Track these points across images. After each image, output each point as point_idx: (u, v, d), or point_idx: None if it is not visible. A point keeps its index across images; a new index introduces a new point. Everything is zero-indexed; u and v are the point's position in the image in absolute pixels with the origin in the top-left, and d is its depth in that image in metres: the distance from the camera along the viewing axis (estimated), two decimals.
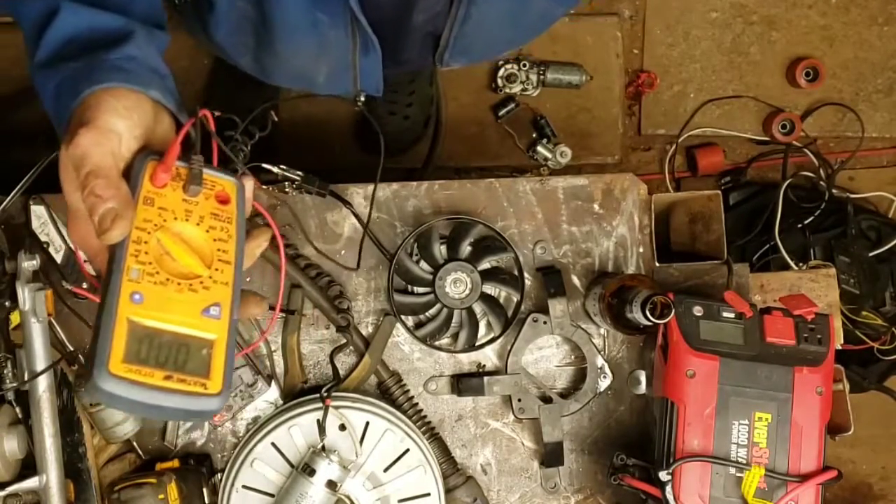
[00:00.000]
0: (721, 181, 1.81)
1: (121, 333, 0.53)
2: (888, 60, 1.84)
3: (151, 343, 0.54)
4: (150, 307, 0.54)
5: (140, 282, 0.55)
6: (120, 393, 0.52)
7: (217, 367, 0.55)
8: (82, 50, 0.62)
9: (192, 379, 0.54)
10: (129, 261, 0.55)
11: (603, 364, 1.02)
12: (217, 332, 0.56)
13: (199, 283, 0.57)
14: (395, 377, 1.01)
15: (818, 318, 0.93)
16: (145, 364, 0.53)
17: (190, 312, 0.56)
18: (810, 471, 0.89)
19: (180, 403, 0.53)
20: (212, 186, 0.61)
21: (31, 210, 0.97)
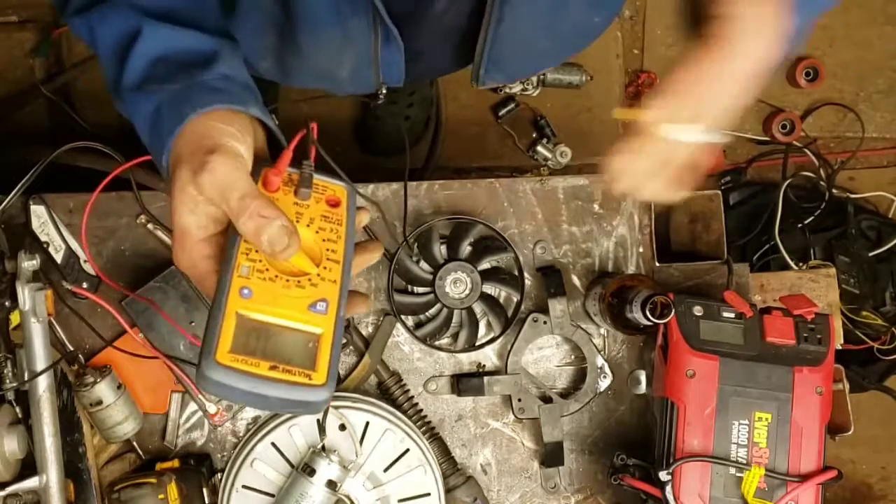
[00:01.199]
0: (721, 181, 1.82)
1: (229, 326, 0.55)
2: (888, 60, 1.84)
3: (259, 335, 0.56)
4: (258, 301, 0.56)
5: (250, 278, 0.57)
6: (226, 381, 0.54)
7: (322, 360, 0.56)
8: (173, 71, 0.62)
9: (298, 370, 0.55)
10: (239, 258, 0.58)
11: (603, 364, 1.02)
12: (323, 326, 0.57)
13: (307, 280, 0.59)
14: (395, 377, 1.01)
15: (818, 318, 0.93)
16: (252, 355, 0.55)
17: (297, 307, 0.57)
18: (810, 471, 0.89)
19: (285, 393, 0.55)
20: (322, 191, 0.63)
21: (31, 210, 0.97)
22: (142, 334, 0.95)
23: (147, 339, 0.95)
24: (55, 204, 0.98)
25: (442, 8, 0.84)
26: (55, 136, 1.63)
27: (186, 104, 0.59)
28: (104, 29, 0.65)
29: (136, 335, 0.95)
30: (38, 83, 1.61)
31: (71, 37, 1.65)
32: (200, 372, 0.54)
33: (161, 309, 0.94)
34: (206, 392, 0.60)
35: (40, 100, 1.61)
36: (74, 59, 1.64)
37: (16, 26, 1.65)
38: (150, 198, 0.99)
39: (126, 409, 0.93)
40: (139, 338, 0.95)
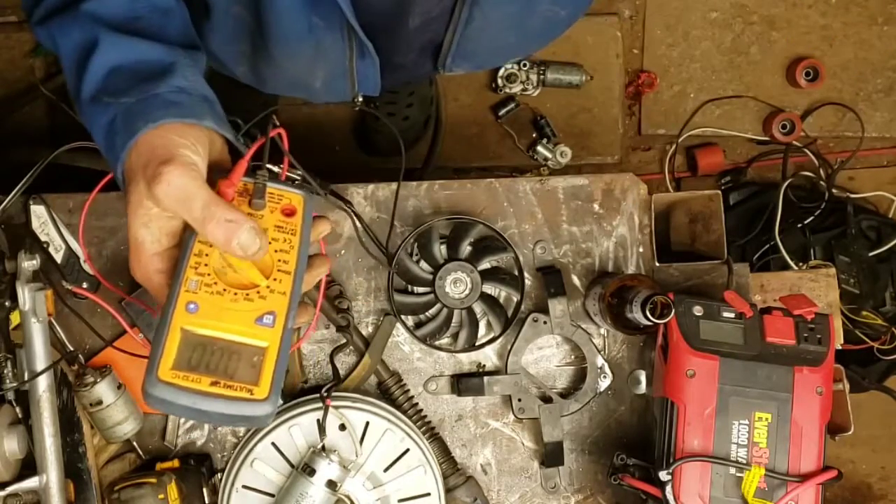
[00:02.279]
0: (721, 181, 1.82)
1: (173, 341, 0.56)
2: (888, 60, 1.84)
3: (204, 350, 0.56)
4: (204, 316, 0.57)
5: (197, 292, 0.57)
6: (167, 398, 0.54)
7: (266, 374, 0.56)
8: (129, 82, 0.62)
9: (240, 385, 0.56)
10: (188, 273, 0.58)
11: (603, 364, 1.02)
12: (269, 339, 0.57)
13: (255, 293, 0.58)
14: (395, 377, 1.01)
15: (818, 318, 0.93)
16: (194, 370, 0.55)
17: (244, 321, 0.57)
18: (810, 471, 0.89)
19: (226, 408, 0.55)
20: (278, 200, 0.63)
21: (31, 210, 0.97)
22: (142, 334, 0.95)
23: (147, 339, 0.95)
24: (55, 204, 0.98)
25: (416, 24, 0.84)
26: (55, 136, 1.63)
27: (139, 118, 0.59)
28: (64, 39, 0.65)
29: (135, 335, 0.95)
30: (37, 83, 1.61)
31: None
32: (144, 388, 0.54)
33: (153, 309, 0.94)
34: (150, 408, 0.60)
35: (40, 100, 1.61)
36: None
37: (15, 26, 1.65)
38: None
39: (126, 409, 0.93)
40: (139, 338, 0.95)
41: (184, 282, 0.58)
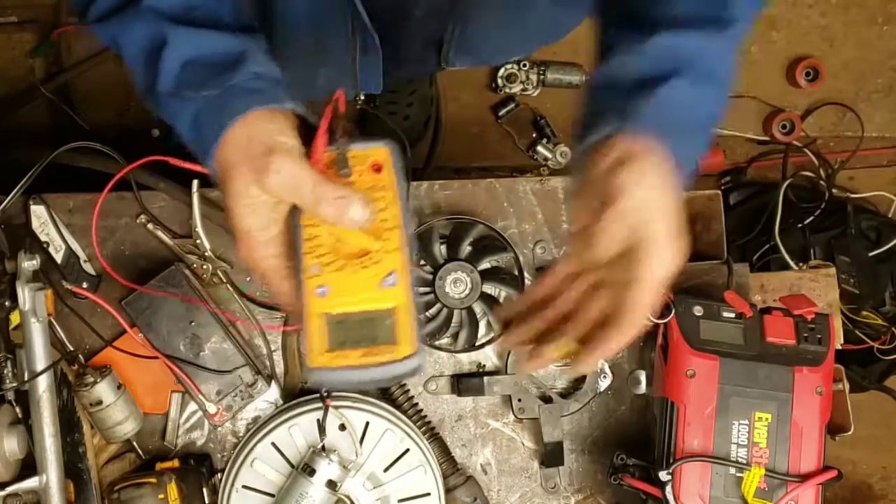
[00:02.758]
0: (721, 181, 1.81)
1: (315, 327, 0.59)
2: (888, 60, 1.84)
3: (344, 327, 0.59)
4: (335, 296, 0.59)
5: (321, 275, 0.60)
6: (328, 379, 0.59)
7: (404, 331, 0.59)
8: (206, 74, 0.62)
9: (385, 348, 0.59)
10: (306, 260, 0.60)
11: (603, 364, 1.02)
12: (395, 299, 0.59)
13: (369, 259, 0.60)
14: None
15: (818, 318, 0.93)
16: (342, 347, 0.59)
17: (370, 288, 0.59)
18: (810, 471, 0.89)
19: (378, 374, 0.59)
20: (363, 160, 0.64)
21: (31, 210, 0.97)
22: (141, 334, 0.95)
23: (147, 339, 0.95)
24: (55, 204, 0.98)
25: (421, 14, 0.84)
26: (55, 136, 1.63)
27: (225, 110, 0.60)
28: (128, 37, 0.65)
29: (135, 335, 0.95)
30: (37, 83, 1.60)
31: (70, 37, 1.65)
32: (306, 372, 0.59)
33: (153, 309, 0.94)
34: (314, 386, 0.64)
35: (40, 100, 1.61)
36: (74, 59, 1.64)
37: (15, 27, 1.64)
38: (150, 198, 0.99)
39: (126, 409, 0.93)
40: (139, 338, 0.95)
41: (305, 269, 0.60)
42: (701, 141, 0.66)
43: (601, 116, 0.63)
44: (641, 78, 0.63)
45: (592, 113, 0.65)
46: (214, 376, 0.96)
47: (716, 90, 0.66)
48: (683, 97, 0.63)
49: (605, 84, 0.66)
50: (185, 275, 0.96)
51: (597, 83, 0.67)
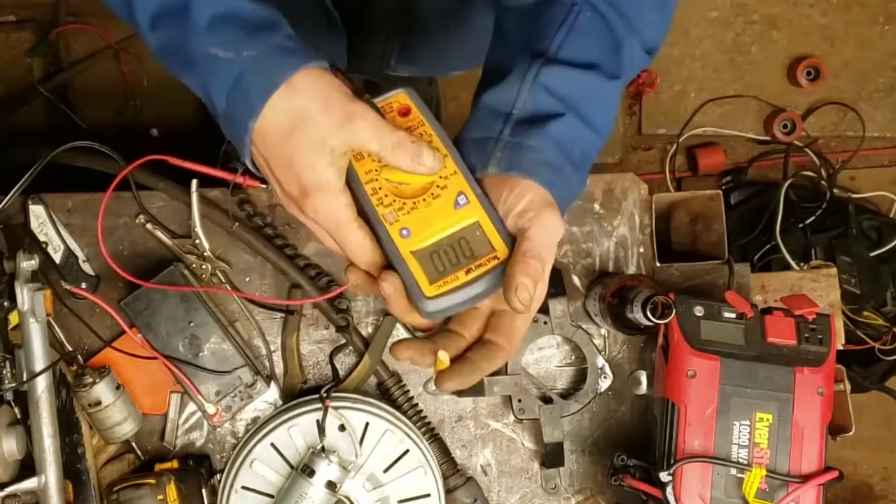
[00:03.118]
0: (722, 181, 1.81)
1: (414, 266, 0.62)
2: (889, 59, 1.84)
3: (439, 255, 0.62)
4: (418, 233, 0.62)
5: (398, 219, 0.63)
6: (445, 306, 0.62)
7: (494, 237, 0.63)
8: (241, 33, 0.61)
9: (485, 258, 0.62)
10: (379, 210, 0.63)
11: (603, 364, 1.02)
12: (474, 213, 0.63)
13: (436, 187, 0.64)
14: (394, 377, 1.01)
15: (819, 319, 0.93)
16: (445, 273, 0.62)
17: (447, 213, 0.63)
18: (811, 471, 0.89)
19: (489, 282, 0.62)
20: (391, 109, 0.67)
21: (29, 210, 0.96)
22: (140, 335, 0.95)
23: (146, 340, 0.95)
24: (54, 204, 0.97)
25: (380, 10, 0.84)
26: (53, 135, 1.63)
27: (276, 70, 0.60)
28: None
29: (134, 336, 0.95)
30: (35, 83, 1.60)
31: (69, 36, 1.65)
32: (422, 311, 0.62)
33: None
34: (432, 321, 0.66)
35: (38, 99, 1.61)
36: (72, 58, 1.64)
37: (14, 26, 1.64)
38: (149, 197, 0.99)
39: (125, 409, 0.93)
40: (138, 338, 0.95)
41: (382, 220, 0.63)
42: (582, 180, 0.70)
43: (494, 146, 0.66)
44: (535, 112, 0.66)
45: (481, 138, 0.67)
46: (213, 377, 0.96)
47: (598, 133, 0.70)
48: (570, 133, 0.67)
49: (495, 110, 0.68)
50: (183, 275, 0.96)
51: (486, 104, 0.69)
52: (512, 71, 0.68)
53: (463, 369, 0.65)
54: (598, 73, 0.68)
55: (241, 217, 0.97)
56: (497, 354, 0.66)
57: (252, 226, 0.98)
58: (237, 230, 0.97)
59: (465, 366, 0.66)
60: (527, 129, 0.66)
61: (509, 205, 0.64)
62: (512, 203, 0.64)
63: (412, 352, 0.66)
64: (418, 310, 0.62)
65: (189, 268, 0.97)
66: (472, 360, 0.66)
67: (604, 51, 0.68)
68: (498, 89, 0.68)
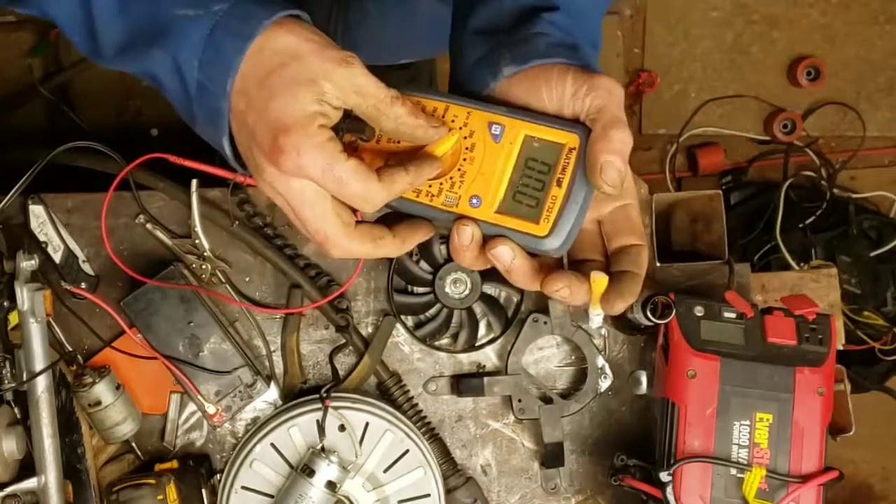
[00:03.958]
0: (722, 181, 1.81)
1: (509, 222, 0.58)
2: (889, 59, 1.84)
3: (522, 193, 0.58)
4: (484, 192, 0.58)
5: (458, 196, 0.59)
6: (567, 230, 0.57)
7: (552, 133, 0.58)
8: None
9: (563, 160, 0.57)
10: (436, 204, 0.59)
11: (603, 364, 1.02)
12: (517, 130, 0.58)
13: (463, 139, 0.59)
14: (394, 377, 1.01)
15: (819, 319, 0.93)
16: (541, 203, 0.57)
17: (494, 154, 0.58)
18: (811, 471, 0.88)
19: (581, 179, 0.57)
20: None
21: (29, 210, 0.96)
22: (140, 335, 0.95)
23: (146, 340, 0.95)
24: (54, 204, 0.97)
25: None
26: (53, 136, 1.63)
27: (250, 19, 0.54)
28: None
29: (134, 336, 0.95)
30: (35, 83, 1.60)
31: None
32: (552, 251, 0.57)
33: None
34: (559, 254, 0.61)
35: (38, 100, 1.61)
36: (72, 58, 1.64)
37: (13, 26, 1.64)
38: (149, 197, 0.99)
39: (125, 409, 0.93)
40: (138, 338, 0.95)
41: (446, 208, 0.59)
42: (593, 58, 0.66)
43: (497, 52, 0.61)
44: (523, 9, 0.63)
45: (482, 56, 0.63)
46: (213, 377, 0.96)
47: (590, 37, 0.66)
48: (568, 24, 0.63)
49: (486, 29, 0.64)
50: (183, 275, 0.96)
51: (474, 29, 0.65)
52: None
53: (623, 280, 0.59)
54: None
55: (240, 217, 0.97)
56: (639, 253, 0.61)
57: (252, 226, 0.98)
58: (237, 230, 0.97)
59: (622, 277, 0.59)
60: (524, 25, 0.62)
61: (556, 97, 0.59)
62: (558, 94, 0.58)
63: (566, 280, 0.58)
64: (547, 254, 0.57)
65: (189, 268, 0.97)
66: (625, 270, 0.60)
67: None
68: (479, 11, 0.64)
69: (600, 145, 0.55)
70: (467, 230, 0.58)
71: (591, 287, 0.58)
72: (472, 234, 0.58)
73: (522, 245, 0.57)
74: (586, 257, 0.62)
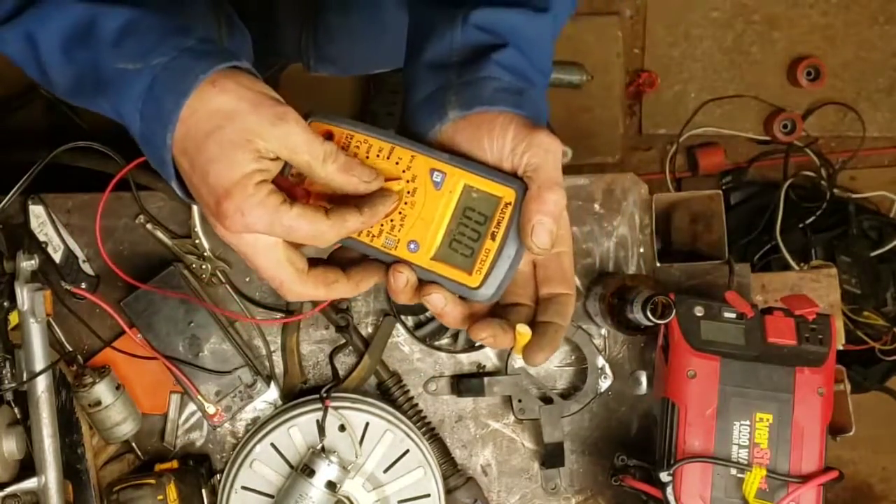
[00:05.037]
0: (722, 181, 1.81)
1: (443, 269, 0.59)
2: (889, 59, 1.84)
3: (458, 242, 0.59)
4: (422, 238, 0.59)
5: (397, 239, 0.59)
6: (497, 282, 0.58)
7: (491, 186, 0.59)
8: (152, 40, 0.57)
9: (499, 213, 0.59)
10: (376, 245, 0.60)
11: (604, 364, 1.02)
12: (458, 179, 0.59)
13: (406, 183, 0.60)
14: (394, 377, 1.01)
15: (819, 319, 0.93)
16: (475, 253, 0.59)
17: (433, 200, 0.59)
18: (811, 471, 0.88)
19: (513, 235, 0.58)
20: None
21: (29, 210, 0.96)
22: (140, 335, 0.95)
23: (146, 340, 0.95)
24: (54, 204, 0.97)
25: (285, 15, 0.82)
26: (53, 136, 1.62)
27: (190, 72, 0.55)
28: (48, 27, 0.59)
29: (134, 336, 0.95)
30: (36, 83, 1.60)
31: None
32: (482, 300, 0.59)
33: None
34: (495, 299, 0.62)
35: (38, 100, 1.61)
36: None
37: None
38: (149, 198, 0.99)
39: (125, 409, 0.93)
40: (138, 338, 0.95)
41: (384, 250, 0.59)
42: (545, 103, 0.66)
43: (445, 93, 0.62)
44: (474, 47, 0.63)
45: (430, 93, 0.63)
46: (213, 377, 0.96)
47: (540, 66, 0.66)
48: (516, 62, 0.63)
49: (434, 64, 0.64)
50: (183, 275, 0.96)
51: (423, 63, 0.65)
52: (439, 24, 0.64)
53: (546, 334, 0.60)
54: (525, 9, 0.65)
55: None
56: (566, 303, 0.62)
57: None
58: None
59: (545, 330, 0.61)
60: (473, 66, 0.62)
61: (497, 149, 0.60)
62: (498, 146, 0.59)
63: (492, 330, 0.60)
64: (478, 302, 0.59)
65: (189, 268, 0.97)
66: (548, 321, 0.61)
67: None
68: (431, 45, 0.64)
69: (534, 206, 0.57)
70: (402, 276, 0.59)
71: (515, 338, 0.60)
72: (407, 280, 0.60)
73: (455, 292, 0.59)
74: (517, 301, 0.63)
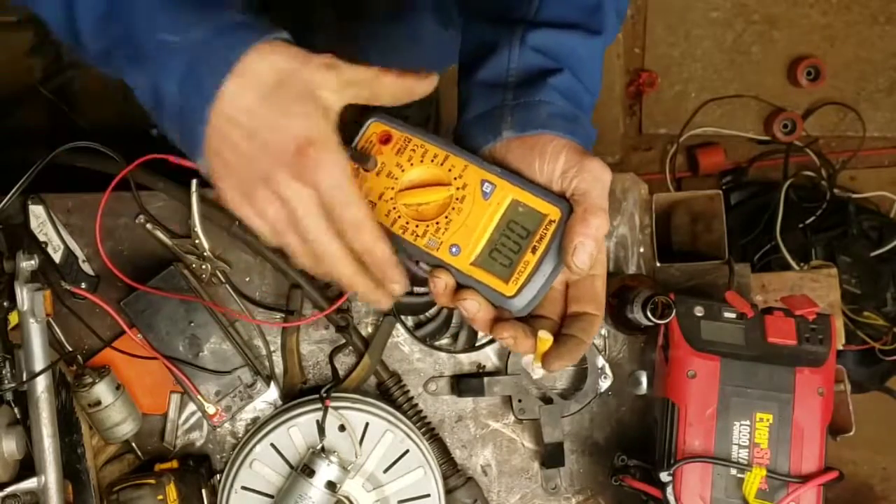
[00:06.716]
0: (722, 181, 1.81)
1: (481, 275, 0.60)
2: (889, 59, 1.84)
3: (499, 251, 0.61)
4: (465, 243, 0.61)
5: (440, 241, 0.61)
6: (532, 295, 0.60)
7: (538, 203, 0.61)
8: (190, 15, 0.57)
9: (542, 229, 0.60)
10: (419, 244, 0.61)
11: (604, 364, 1.02)
12: (507, 192, 0.61)
13: (456, 190, 0.61)
14: (394, 378, 1.01)
15: (819, 319, 0.93)
16: (514, 265, 0.60)
17: (480, 209, 0.61)
18: (811, 472, 0.88)
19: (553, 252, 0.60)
20: (371, 143, 0.64)
21: (29, 210, 0.96)
22: (140, 335, 0.95)
23: (146, 340, 0.95)
24: (54, 204, 0.97)
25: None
26: (54, 136, 1.63)
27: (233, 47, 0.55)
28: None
29: (134, 336, 0.95)
30: (36, 83, 1.60)
31: None
32: (514, 311, 0.60)
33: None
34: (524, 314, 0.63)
35: (39, 100, 1.61)
36: (73, 59, 1.64)
37: (14, 26, 1.64)
38: (149, 198, 0.99)
39: (125, 409, 0.93)
40: (138, 338, 0.95)
41: (427, 250, 0.61)
42: (593, 133, 0.68)
43: (500, 113, 0.64)
44: (531, 69, 0.65)
45: (485, 112, 0.66)
46: (213, 377, 0.96)
47: (590, 92, 0.69)
48: (571, 86, 0.65)
49: (491, 83, 0.66)
50: (183, 275, 0.96)
51: (480, 81, 0.67)
52: (497, 42, 0.66)
53: (567, 345, 0.62)
54: (580, 32, 0.67)
55: None
56: (592, 322, 0.63)
57: None
58: (237, 230, 0.97)
59: (567, 341, 0.62)
60: (529, 89, 0.64)
61: (547, 171, 0.61)
62: (549, 168, 0.61)
63: (514, 331, 0.62)
64: (510, 311, 0.60)
65: (189, 268, 0.97)
66: (572, 335, 0.63)
67: (583, 11, 0.68)
68: (488, 63, 0.66)
69: (578, 228, 0.59)
70: (440, 281, 0.61)
71: (537, 344, 0.62)
72: (446, 283, 0.61)
73: (489, 298, 0.61)
74: (543, 314, 0.65)
